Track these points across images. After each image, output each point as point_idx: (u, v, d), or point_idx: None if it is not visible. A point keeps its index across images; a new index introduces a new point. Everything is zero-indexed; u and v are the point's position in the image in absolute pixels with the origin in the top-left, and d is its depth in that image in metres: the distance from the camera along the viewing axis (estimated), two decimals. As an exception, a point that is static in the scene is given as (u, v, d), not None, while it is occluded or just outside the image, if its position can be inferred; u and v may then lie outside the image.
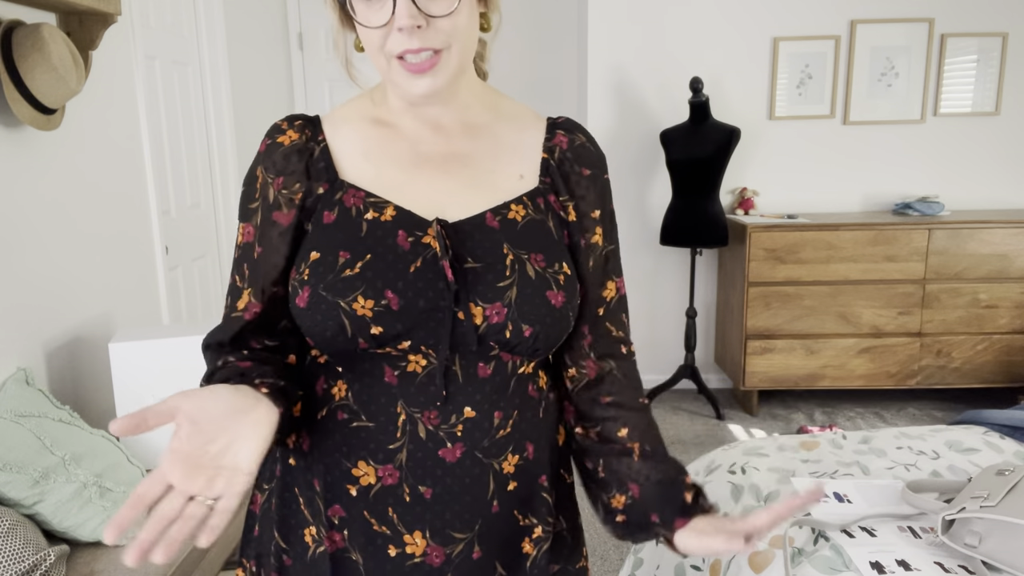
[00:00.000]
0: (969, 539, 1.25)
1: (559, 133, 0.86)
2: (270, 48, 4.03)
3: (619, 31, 3.71)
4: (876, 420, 3.55)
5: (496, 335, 0.76)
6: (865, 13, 3.66)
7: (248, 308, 0.81)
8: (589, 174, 0.86)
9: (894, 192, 3.84)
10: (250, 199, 0.82)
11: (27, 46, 1.80)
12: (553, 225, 0.83)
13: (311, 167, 0.80)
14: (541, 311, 0.77)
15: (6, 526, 1.49)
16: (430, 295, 0.75)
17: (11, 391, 1.77)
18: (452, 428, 0.78)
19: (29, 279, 1.99)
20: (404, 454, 0.78)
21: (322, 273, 0.76)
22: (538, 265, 0.78)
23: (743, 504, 1.53)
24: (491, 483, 0.80)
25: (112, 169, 2.42)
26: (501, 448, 0.80)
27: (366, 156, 0.82)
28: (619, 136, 3.80)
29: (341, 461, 0.80)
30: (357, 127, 0.83)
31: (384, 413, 0.78)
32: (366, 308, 0.74)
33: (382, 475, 0.78)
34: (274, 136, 0.82)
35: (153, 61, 2.78)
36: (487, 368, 0.79)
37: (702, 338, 3.99)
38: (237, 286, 0.83)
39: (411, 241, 0.77)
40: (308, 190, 0.80)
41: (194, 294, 3.13)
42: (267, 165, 0.81)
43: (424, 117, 0.83)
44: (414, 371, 0.77)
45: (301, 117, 0.84)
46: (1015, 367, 3.53)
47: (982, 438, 1.77)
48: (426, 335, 0.76)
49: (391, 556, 0.79)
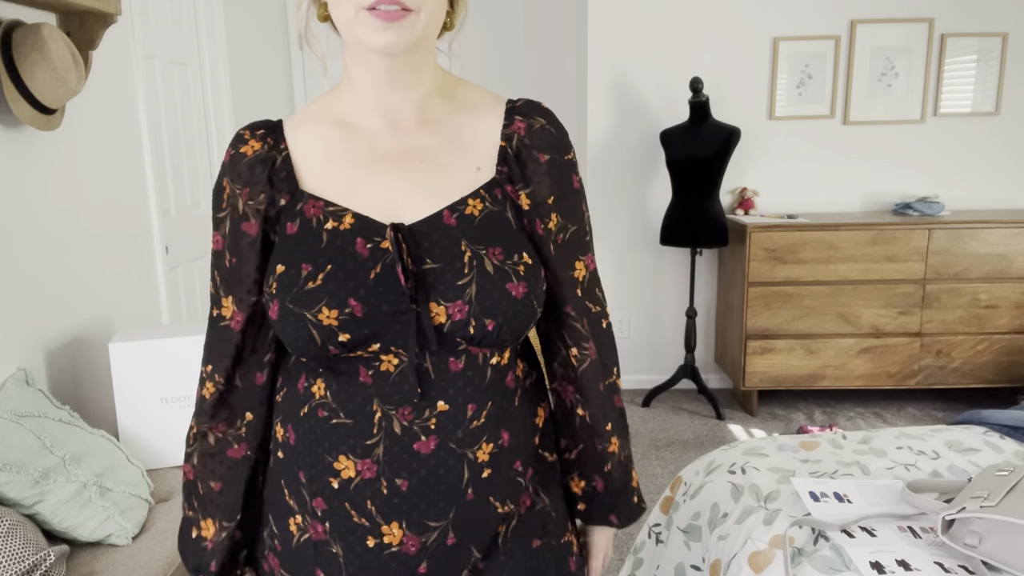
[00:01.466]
0: (969, 539, 1.25)
1: (517, 119, 0.86)
2: (270, 48, 4.03)
3: (619, 31, 3.71)
4: (876, 420, 3.55)
5: (460, 331, 0.79)
6: (865, 13, 3.66)
7: (233, 318, 0.86)
8: (547, 159, 0.85)
9: (894, 192, 3.84)
10: (218, 209, 0.85)
11: (27, 46, 1.80)
12: (511, 215, 0.84)
13: (274, 177, 0.83)
14: (502, 304, 0.79)
15: (6, 526, 1.49)
16: (392, 299, 0.78)
17: (11, 391, 1.77)
18: (426, 422, 0.81)
19: (29, 279, 1.99)
20: (381, 449, 0.81)
21: (287, 286, 0.79)
22: (496, 259, 0.80)
23: (743, 504, 1.53)
24: (465, 472, 0.83)
25: (112, 169, 2.42)
26: (475, 438, 0.83)
27: (328, 157, 0.84)
28: (619, 136, 3.80)
29: (323, 456, 0.83)
30: (318, 129, 0.85)
31: (360, 411, 0.81)
32: (331, 318, 0.77)
33: (361, 469, 0.82)
34: (237, 146, 0.84)
35: (153, 61, 2.78)
36: (458, 362, 0.82)
37: (702, 338, 3.99)
38: (215, 293, 0.88)
39: (369, 248, 0.79)
40: (271, 200, 0.83)
41: (194, 294, 3.13)
42: (232, 176, 0.84)
43: (384, 110, 0.83)
44: (387, 370, 0.81)
45: (263, 125, 0.86)
46: (1015, 367, 3.53)
47: (982, 438, 1.77)
48: (393, 337, 0.79)
49: (369, 547, 0.83)
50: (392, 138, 0.84)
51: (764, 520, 1.44)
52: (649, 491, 2.89)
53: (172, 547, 1.71)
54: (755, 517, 1.46)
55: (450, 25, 0.84)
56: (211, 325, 0.89)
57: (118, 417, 2.04)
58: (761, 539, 1.39)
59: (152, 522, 1.80)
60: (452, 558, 0.84)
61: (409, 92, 0.83)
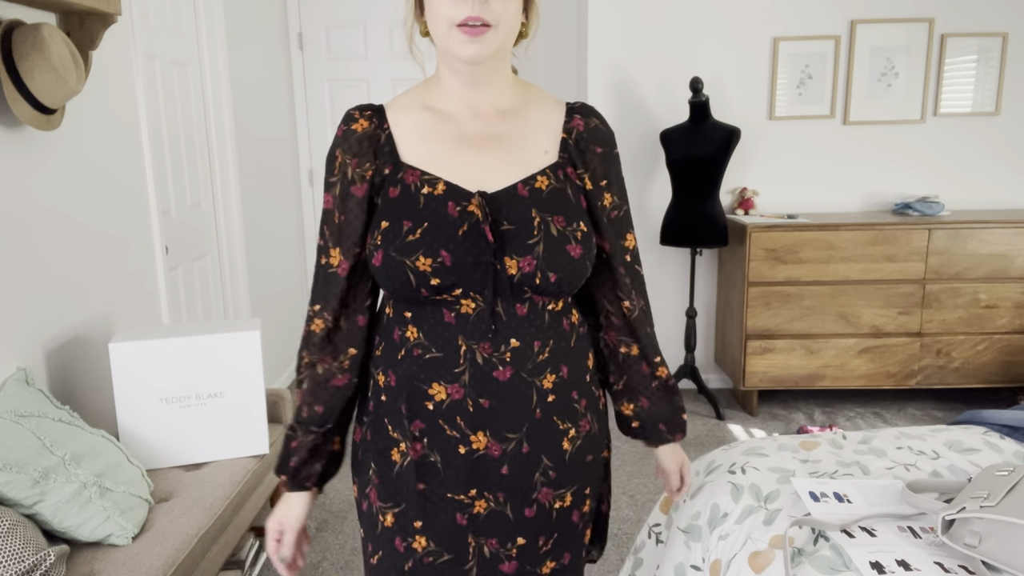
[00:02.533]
0: (969, 539, 1.25)
1: (576, 117, 1.08)
2: (270, 48, 4.02)
3: (619, 31, 3.71)
4: (876, 420, 3.55)
5: (529, 281, 0.98)
6: (865, 13, 3.66)
7: (340, 265, 1.04)
8: (600, 151, 1.07)
9: (894, 192, 3.84)
10: (331, 174, 1.04)
11: (27, 46, 1.80)
12: (571, 192, 1.04)
13: (378, 151, 1.03)
14: (563, 261, 0.99)
15: (6, 526, 1.49)
16: (475, 252, 0.96)
17: (11, 391, 1.77)
18: (502, 355, 1.01)
19: (29, 279, 1.99)
20: (467, 375, 1.01)
21: (391, 238, 0.98)
22: (559, 225, 1.00)
23: (743, 504, 1.53)
24: (534, 396, 1.03)
25: (112, 169, 2.42)
26: (541, 369, 1.04)
27: (421, 137, 1.03)
28: (619, 136, 3.80)
29: (419, 386, 1.03)
30: (413, 113, 1.05)
31: (449, 345, 1.01)
32: (426, 264, 0.96)
33: (451, 392, 1.01)
34: (349, 124, 1.04)
35: (153, 61, 2.78)
36: (523, 308, 1.02)
37: (702, 338, 3.99)
38: (323, 245, 1.06)
39: (458, 210, 0.98)
40: (377, 169, 1.02)
41: (194, 294, 3.13)
42: (344, 148, 1.03)
43: (467, 102, 1.03)
44: (467, 312, 1.00)
45: (370, 107, 1.05)
46: (1015, 367, 3.53)
47: (982, 438, 1.77)
48: (473, 284, 0.98)
49: (461, 453, 1.03)
50: (475, 124, 1.04)
51: (764, 520, 1.44)
52: (649, 491, 2.89)
53: (172, 547, 1.71)
54: (755, 517, 1.46)
55: (525, 33, 1.04)
56: (319, 271, 1.06)
57: (118, 417, 2.04)
58: (761, 539, 1.39)
59: (152, 522, 1.80)
60: (527, 463, 1.05)
61: (487, 90, 1.03)
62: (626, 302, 1.12)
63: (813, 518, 1.39)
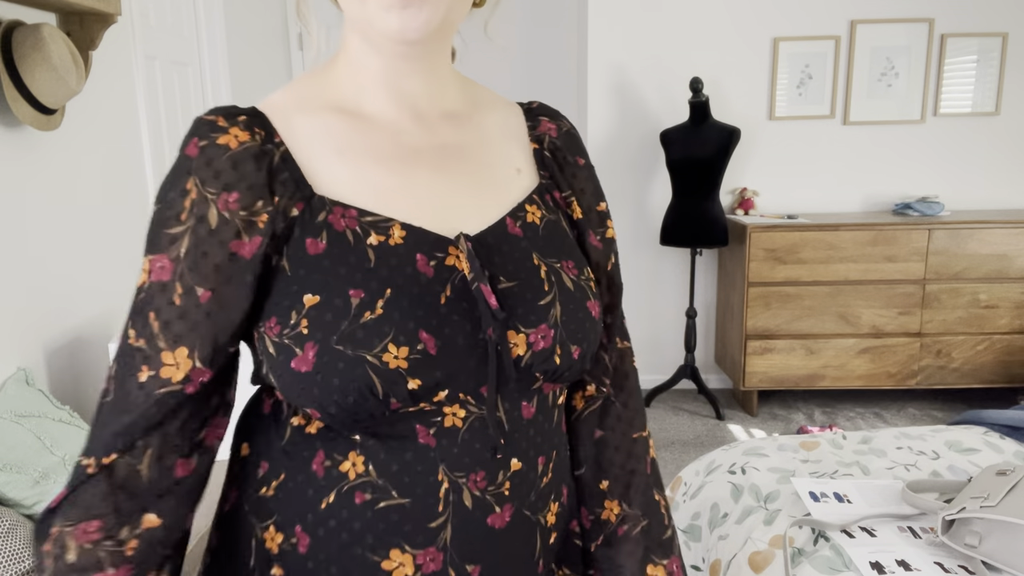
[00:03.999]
0: (969, 539, 1.25)
1: (543, 120, 0.75)
2: (270, 48, 4.03)
3: (619, 31, 3.71)
4: (876, 420, 3.55)
5: (543, 363, 0.64)
6: (865, 13, 3.66)
7: (191, 378, 0.60)
8: (583, 163, 0.75)
9: (894, 192, 3.84)
10: (170, 222, 0.60)
11: (27, 46, 1.80)
12: (566, 225, 0.72)
13: (274, 181, 0.61)
14: (586, 326, 0.66)
15: (6, 526, 1.49)
16: (468, 329, 0.61)
17: (11, 391, 1.77)
18: (500, 488, 0.64)
19: (29, 279, 1.99)
20: (448, 531, 0.63)
21: (331, 322, 0.58)
22: (571, 273, 0.67)
23: (743, 504, 1.53)
24: (538, 542, 0.69)
25: (112, 169, 2.42)
26: (545, 498, 0.69)
27: (339, 154, 0.64)
28: (619, 136, 3.80)
29: (365, 556, 0.62)
30: (317, 118, 0.65)
31: (422, 485, 0.62)
32: (400, 358, 0.58)
33: (422, 562, 0.63)
34: (210, 136, 0.61)
35: (153, 61, 2.78)
36: (531, 407, 0.66)
37: (702, 338, 3.99)
38: (146, 347, 0.60)
39: (433, 266, 0.62)
40: (275, 211, 0.61)
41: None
42: (204, 176, 0.60)
43: (401, 100, 0.67)
44: (453, 425, 0.62)
45: (241, 111, 0.63)
46: (1015, 367, 3.53)
47: (982, 438, 1.77)
48: (466, 379, 0.62)
49: None
50: (417, 131, 0.67)
51: (764, 520, 1.44)
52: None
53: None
54: (755, 517, 1.46)
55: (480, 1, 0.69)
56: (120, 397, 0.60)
57: (118, 417, 2.04)
58: (761, 539, 1.39)
59: (152, 522, 1.80)
60: None
61: (427, 82, 0.67)
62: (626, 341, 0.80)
63: (813, 518, 1.39)
